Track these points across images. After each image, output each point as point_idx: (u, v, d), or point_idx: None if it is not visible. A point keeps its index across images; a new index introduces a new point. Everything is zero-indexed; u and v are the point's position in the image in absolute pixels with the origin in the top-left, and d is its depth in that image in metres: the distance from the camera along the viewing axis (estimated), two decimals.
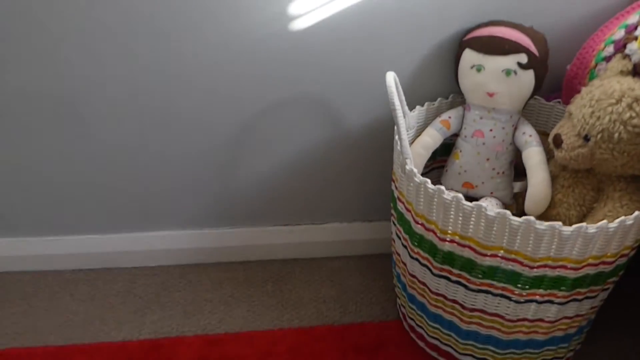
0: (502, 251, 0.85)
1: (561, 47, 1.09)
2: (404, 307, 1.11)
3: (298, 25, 1.06)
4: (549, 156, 1.03)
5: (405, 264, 1.04)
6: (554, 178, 1.00)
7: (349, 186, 1.27)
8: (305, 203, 1.29)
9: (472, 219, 0.85)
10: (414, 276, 1.02)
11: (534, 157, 1.00)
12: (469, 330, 0.98)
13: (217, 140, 1.18)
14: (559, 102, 1.11)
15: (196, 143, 1.18)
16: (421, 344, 1.10)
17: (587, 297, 0.91)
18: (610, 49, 0.99)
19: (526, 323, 0.93)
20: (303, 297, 1.23)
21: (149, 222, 1.28)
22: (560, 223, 0.80)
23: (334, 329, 1.14)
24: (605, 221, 0.80)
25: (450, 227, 0.89)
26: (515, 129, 1.04)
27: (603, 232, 0.80)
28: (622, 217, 0.80)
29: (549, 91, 1.15)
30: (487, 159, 1.05)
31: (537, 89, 1.03)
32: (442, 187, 0.86)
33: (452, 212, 0.87)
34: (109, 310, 1.21)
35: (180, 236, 1.30)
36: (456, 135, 1.09)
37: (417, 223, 0.94)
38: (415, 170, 0.91)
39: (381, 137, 1.20)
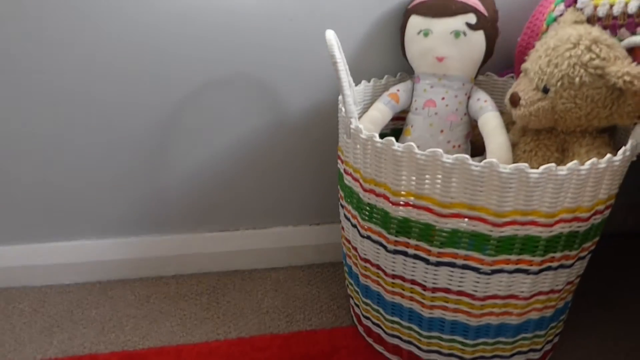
0: (464, 208, 0.73)
1: (511, 20, 1.03)
2: (358, 306, 0.97)
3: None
4: (508, 125, 0.94)
5: (356, 249, 0.91)
6: (514, 145, 0.91)
7: (294, 183, 1.15)
8: (245, 204, 1.15)
9: (428, 171, 0.73)
10: (366, 260, 0.88)
11: (490, 121, 0.91)
12: (432, 317, 0.84)
13: (141, 131, 1.05)
14: (512, 77, 1.04)
15: (117, 134, 1.04)
16: (379, 348, 0.94)
17: (562, 266, 0.79)
18: (561, 7, 0.93)
19: (497, 302, 0.80)
20: (243, 308, 1.07)
21: (61, 230, 1.11)
22: (527, 164, 0.69)
23: (279, 337, 0.98)
24: (576, 161, 0.70)
25: (403, 186, 0.77)
26: (469, 97, 0.96)
27: (574, 175, 0.70)
28: (594, 159, 0.71)
29: (502, 67, 1.08)
30: (441, 131, 0.95)
31: (488, 54, 0.95)
32: (392, 139, 0.75)
33: (404, 167, 0.75)
34: (10, 331, 1.01)
35: (99, 246, 1.13)
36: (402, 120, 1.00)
37: (366, 191, 0.82)
38: (361, 126, 0.80)
39: (327, 124, 1.10)
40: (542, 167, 0.69)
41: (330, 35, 0.81)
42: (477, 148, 1.02)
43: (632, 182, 1.26)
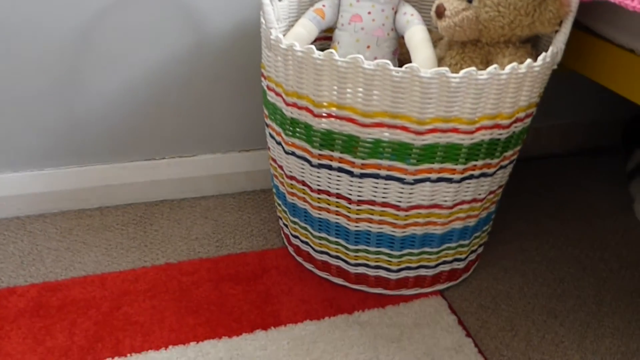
0: (386, 117, 0.72)
1: None
2: (287, 225, 0.96)
3: None
4: (435, 41, 0.93)
5: (282, 167, 0.89)
6: (440, 60, 0.90)
7: (219, 108, 1.10)
8: (170, 131, 1.10)
9: (349, 79, 0.71)
10: (292, 177, 0.87)
11: (416, 35, 0.89)
12: (358, 231, 0.84)
13: (50, 54, 0.97)
14: None
15: (24, 58, 0.96)
16: (309, 266, 0.94)
17: (483, 174, 0.80)
18: None
19: (421, 211, 0.81)
20: (171, 236, 1.04)
21: None
22: (447, 69, 0.68)
23: (207, 261, 0.96)
24: (496, 65, 0.69)
25: (325, 97, 0.75)
26: (396, 12, 0.93)
27: (495, 79, 0.70)
28: (514, 64, 0.71)
29: None
30: (368, 47, 0.93)
31: None
32: (313, 47, 0.72)
33: (325, 76, 0.73)
34: None
35: (13, 180, 1.06)
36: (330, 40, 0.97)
37: (289, 105, 0.80)
38: (281, 37, 0.76)
39: (252, 44, 1.05)
40: (462, 72, 0.69)
41: None
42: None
43: (558, 103, 1.29)
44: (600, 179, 1.28)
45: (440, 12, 0.84)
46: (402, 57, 1.00)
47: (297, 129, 0.80)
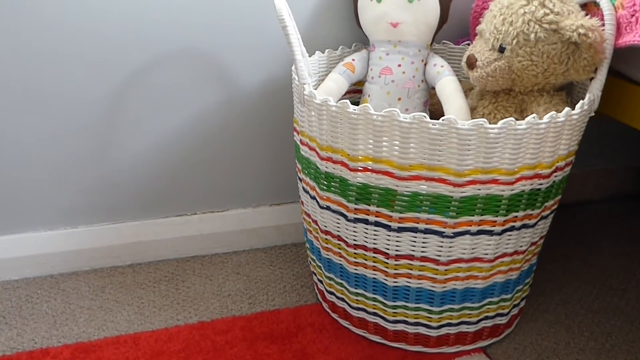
0: (424, 170, 0.71)
1: None
2: (321, 281, 0.94)
3: None
4: (466, 91, 0.93)
5: (316, 222, 0.88)
6: (472, 109, 0.89)
7: (250, 163, 1.11)
8: (201, 187, 1.11)
9: (385, 133, 0.71)
10: (327, 232, 0.85)
11: (447, 85, 0.89)
12: (397, 286, 0.82)
13: (85, 116, 0.99)
14: (468, 44, 1.03)
15: (60, 121, 0.99)
16: (345, 323, 0.92)
17: (525, 226, 0.78)
18: None
19: (461, 265, 0.78)
20: (204, 292, 1.03)
21: (7, 223, 1.04)
22: (485, 120, 0.67)
23: (240, 319, 0.94)
24: (534, 115, 0.68)
25: (360, 151, 0.74)
26: (426, 64, 0.94)
27: (534, 129, 0.69)
28: (553, 112, 0.70)
29: (458, 37, 1.07)
30: (399, 99, 0.93)
31: (443, 19, 0.93)
32: (347, 102, 0.73)
33: (360, 130, 0.73)
34: None
35: (49, 238, 1.07)
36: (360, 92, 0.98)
37: (323, 159, 0.79)
38: (315, 92, 0.77)
39: (282, 99, 1.06)
40: (501, 122, 0.68)
41: (279, 1, 0.78)
42: (436, 116, 1.00)
43: (592, 150, 1.27)
44: (637, 225, 1.24)
45: (471, 63, 0.84)
46: (432, 107, 1.00)
47: (332, 183, 0.80)
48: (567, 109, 0.71)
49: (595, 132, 1.18)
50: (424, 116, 0.68)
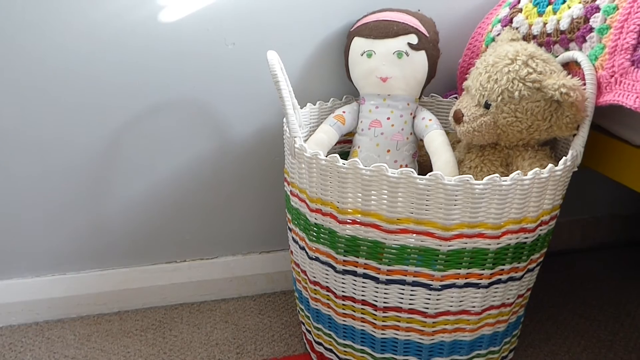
0: (411, 223, 0.72)
1: (451, 43, 1.05)
2: (310, 331, 0.93)
3: (165, 18, 0.95)
4: (453, 143, 0.95)
5: (305, 272, 0.88)
6: (460, 162, 0.91)
7: (241, 211, 1.12)
8: (191, 234, 1.11)
9: (373, 187, 0.72)
10: (316, 283, 0.86)
11: (436, 139, 0.92)
12: (385, 338, 0.82)
13: (77, 161, 1.00)
14: (455, 97, 1.06)
15: (51, 165, 1.00)
16: None
17: (511, 279, 0.79)
18: (498, 28, 0.96)
19: (449, 318, 0.79)
20: (191, 342, 1.02)
21: None
22: (471, 176, 0.69)
23: None
24: (519, 172, 0.70)
25: (349, 204, 0.75)
26: (414, 117, 0.96)
27: (518, 185, 0.70)
28: (537, 169, 0.72)
29: (445, 90, 1.10)
30: (388, 151, 0.95)
31: (431, 74, 0.96)
32: (337, 156, 0.74)
33: (349, 184, 0.74)
34: None
35: (34, 284, 1.06)
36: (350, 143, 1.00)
37: (313, 211, 0.80)
38: (305, 145, 0.79)
39: (273, 149, 1.08)
40: (486, 178, 0.69)
41: (272, 55, 0.80)
42: (424, 168, 1.02)
43: (577, 199, 1.29)
44: (626, 274, 1.25)
45: (458, 118, 0.87)
46: (421, 159, 1.02)
47: (322, 235, 0.81)
48: (550, 165, 0.73)
49: (580, 182, 1.20)
50: (412, 172, 0.70)
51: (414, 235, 0.73)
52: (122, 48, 0.95)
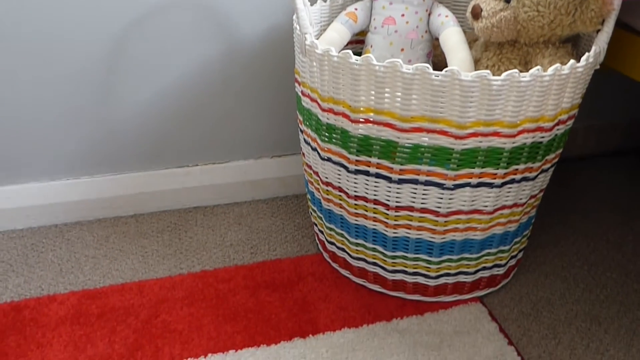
0: (425, 122, 0.71)
1: None
2: (322, 232, 0.95)
3: None
4: (470, 42, 0.91)
5: (317, 174, 0.88)
6: (477, 61, 0.88)
7: (252, 114, 1.10)
8: (202, 138, 1.11)
9: (387, 84, 0.70)
10: (328, 184, 0.86)
11: (452, 37, 0.88)
12: (396, 237, 0.83)
13: (84, 64, 0.98)
14: None
15: (59, 69, 0.98)
16: (345, 272, 0.94)
17: (525, 179, 0.78)
18: None
19: (461, 217, 0.79)
20: (206, 242, 1.04)
21: (10, 173, 1.05)
22: (489, 72, 0.67)
23: (243, 268, 0.96)
24: (539, 67, 0.68)
25: (362, 102, 0.74)
26: (430, 14, 0.92)
27: (537, 82, 0.68)
28: (557, 65, 0.69)
29: None
30: (402, 50, 0.92)
31: None
32: (350, 52, 0.72)
33: (362, 81, 0.72)
34: None
35: (51, 188, 1.08)
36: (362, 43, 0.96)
37: (325, 110, 0.79)
38: (316, 42, 0.76)
39: (284, 49, 1.05)
40: (504, 74, 0.67)
41: None
42: (439, 69, 0.99)
43: (594, 103, 1.26)
44: (637, 180, 1.24)
45: (476, 13, 0.83)
46: (436, 59, 0.98)
47: (334, 135, 0.80)
48: (572, 61, 0.70)
49: (599, 86, 1.16)
50: (427, 67, 0.68)
51: (428, 134, 0.72)
52: None
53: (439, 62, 0.98)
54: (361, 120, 0.75)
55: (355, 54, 0.73)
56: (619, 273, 0.97)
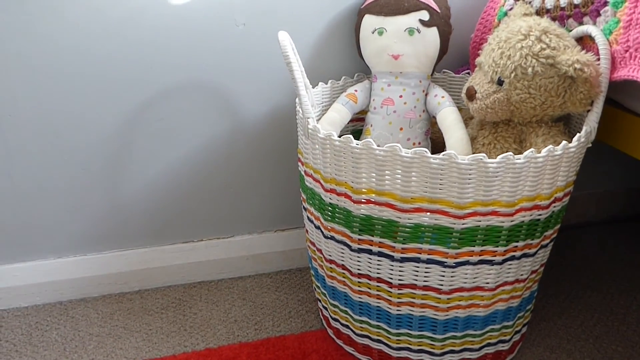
0: (425, 202, 0.73)
1: (463, 18, 1.04)
2: (326, 308, 0.95)
3: (177, 0, 0.95)
4: (466, 120, 0.95)
5: (320, 251, 0.90)
6: (473, 139, 0.91)
7: (256, 190, 1.13)
8: (207, 214, 1.13)
9: (387, 167, 0.73)
10: (332, 261, 0.87)
11: (448, 116, 0.92)
12: (400, 314, 0.83)
13: (94, 141, 1.02)
14: (468, 73, 1.05)
15: (67, 148, 1.01)
16: (349, 349, 0.93)
17: (525, 255, 0.79)
18: (510, 2, 0.95)
19: (463, 294, 0.80)
20: (210, 318, 1.05)
21: (16, 252, 1.07)
22: (484, 154, 0.69)
23: (247, 345, 0.96)
24: (532, 149, 0.71)
25: (364, 184, 0.76)
26: (427, 94, 0.96)
27: (532, 163, 0.71)
28: (550, 146, 0.72)
29: (457, 65, 1.09)
30: (401, 129, 0.95)
31: (443, 50, 0.96)
32: (351, 137, 0.75)
33: (363, 164, 0.75)
34: None
35: (57, 265, 1.09)
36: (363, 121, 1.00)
37: (328, 191, 0.81)
38: (319, 126, 0.79)
39: (287, 127, 1.09)
40: (499, 157, 0.70)
41: (283, 36, 0.80)
42: (437, 144, 1.03)
43: (589, 172, 1.29)
44: (638, 248, 1.25)
45: (471, 95, 0.87)
46: (434, 135, 1.02)
47: (337, 214, 0.82)
48: (564, 142, 0.73)
49: (595, 156, 1.19)
50: (425, 151, 0.70)
51: (428, 213, 0.74)
52: (132, 27, 0.95)
53: (436, 138, 1.02)
54: (363, 200, 0.78)
55: (355, 131, 0.76)
56: (625, 345, 0.96)
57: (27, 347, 0.99)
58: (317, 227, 0.88)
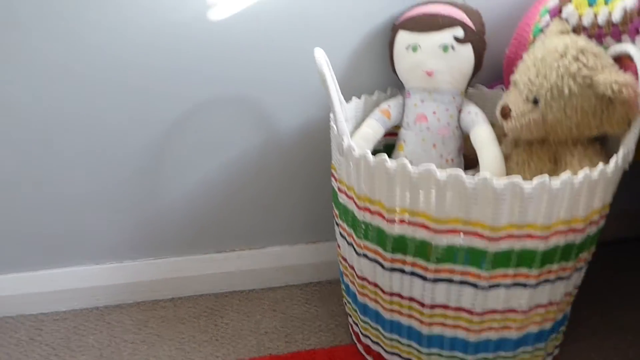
0: (459, 224, 0.73)
1: (498, 33, 1.03)
2: (357, 324, 0.96)
3: (215, 16, 0.97)
4: (500, 137, 0.94)
5: (352, 267, 0.90)
6: (507, 157, 0.91)
7: (288, 202, 1.14)
8: (240, 225, 1.14)
9: (422, 187, 0.73)
10: (363, 279, 0.88)
11: (482, 134, 0.91)
12: (431, 334, 0.83)
13: (132, 153, 1.04)
14: (502, 88, 1.05)
15: (106, 158, 1.04)
16: None
17: (559, 278, 0.79)
18: (546, 19, 0.94)
19: (496, 316, 0.80)
20: (241, 330, 1.06)
21: (55, 257, 1.10)
22: (520, 177, 0.69)
23: (278, 358, 0.97)
24: (569, 173, 0.70)
25: (397, 203, 0.77)
26: (460, 111, 0.96)
27: (568, 186, 0.70)
28: (587, 170, 0.71)
29: (491, 80, 1.09)
30: (434, 145, 0.95)
31: (477, 67, 0.96)
32: (385, 156, 0.75)
33: (397, 184, 0.75)
34: None
35: (94, 272, 1.12)
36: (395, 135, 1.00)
37: (361, 209, 0.82)
38: (353, 144, 0.80)
39: (320, 140, 1.09)
40: (535, 180, 0.69)
41: (319, 54, 0.81)
42: (470, 161, 1.02)
43: (623, 190, 1.26)
44: None
45: (505, 114, 0.86)
46: (467, 151, 1.01)
47: (370, 232, 0.82)
48: (601, 165, 0.72)
49: (630, 173, 1.17)
50: (460, 172, 0.70)
51: (462, 235, 0.74)
52: (174, 41, 0.97)
53: (469, 154, 1.01)
54: (396, 220, 0.78)
55: (388, 146, 0.76)
56: None
57: (66, 352, 1.02)
58: (350, 244, 0.89)
